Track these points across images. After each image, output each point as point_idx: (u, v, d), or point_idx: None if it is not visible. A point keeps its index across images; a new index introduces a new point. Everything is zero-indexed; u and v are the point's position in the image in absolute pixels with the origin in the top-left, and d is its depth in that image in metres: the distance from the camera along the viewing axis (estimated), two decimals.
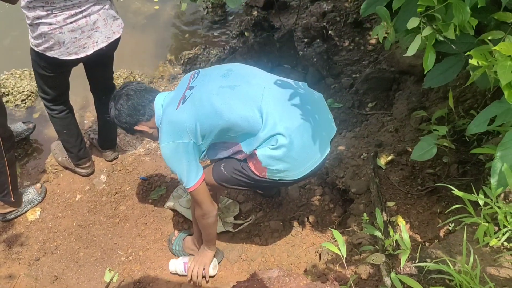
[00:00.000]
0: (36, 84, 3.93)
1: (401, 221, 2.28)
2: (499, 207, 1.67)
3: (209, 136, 1.97)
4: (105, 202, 3.05)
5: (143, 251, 2.76)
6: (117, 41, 2.56)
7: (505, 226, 1.68)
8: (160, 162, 3.29)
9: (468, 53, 1.54)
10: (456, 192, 1.79)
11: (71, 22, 2.27)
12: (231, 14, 4.87)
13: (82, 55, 2.41)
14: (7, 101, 3.74)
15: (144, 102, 2.09)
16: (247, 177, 2.05)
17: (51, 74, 2.52)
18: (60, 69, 2.53)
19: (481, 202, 1.72)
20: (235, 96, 1.92)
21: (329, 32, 4.24)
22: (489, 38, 1.57)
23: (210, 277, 2.51)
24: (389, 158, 2.58)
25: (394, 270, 1.92)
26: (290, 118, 1.92)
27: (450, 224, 2.12)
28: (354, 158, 2.75)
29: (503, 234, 1.68)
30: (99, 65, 2.70)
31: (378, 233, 2.02)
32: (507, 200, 1.88)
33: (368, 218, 2.28)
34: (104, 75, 2.85)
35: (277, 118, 1.89)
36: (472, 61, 1.50)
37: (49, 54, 2.34)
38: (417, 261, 1.79)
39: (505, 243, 1.73)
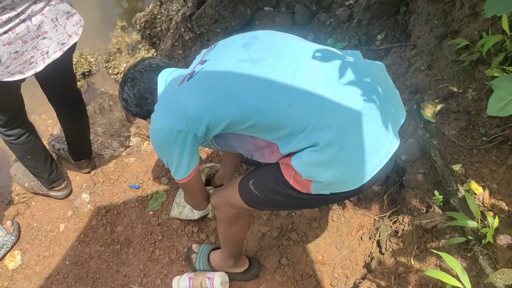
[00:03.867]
0: None
1: (476, 187, 1.83)
2: None
3: (216, 127, 1.39)
4: (97, 226, 2.49)
5: (161, 278, 2.26)
6: (75, 45, 1.89)
7: None
8: (149, 160, 2.71)
9: None
10: None
11: (5, 32, 1.61)
12: None
13: (29, 73, 1.76)
14: None
15: (151, 88, 1.58)
16: (287, 197, 1.47)
17: None
18: (4, 91, 1.86)
19: None
20: (256, 74, 1.34)
21: None
22: None
23: None
24: (438, 107, 2.08)
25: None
26: (338, 104, 1.31)
27: None
28: None
29: None
30: (55, 75, 2.02)
31: (473, 224, 1.56)
32: None
33: (442, 197, 1.82)
34: (64, 85, 2.18)
35: (316, 106, 1.30)
36: None
37: None
38: None
39: None
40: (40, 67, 1.79)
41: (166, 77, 1.55)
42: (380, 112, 1.34)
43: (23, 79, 1.82)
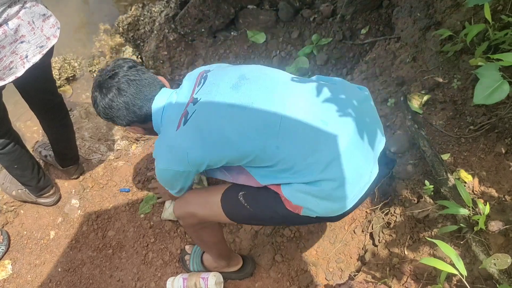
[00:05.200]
0: None
1: (465, 176, 1.85)
2: None
3: (215, 166, 1.57)
4: (88, 232, 2.46)
5: (155, 281, 2.25)
6: (53, 48, 1.86)
7: None
8: (138, 163, 2.69)
9: None
10: None
11: None
12: None
13: (10, 79, 1.73)
14: None
15: (140, 103, 1.59)
16: (275, 213, 1.59)
17: None
18: None
19: None
20: (247, 121, 1.47)
21: None
22: None
23: None
24: (425, 98, 2.10)
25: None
26: (322, 142, 1.45)
27: None
28: (378, 106, 2.24)
29: None
30: (35, 81, 1.98)
31: (464, 211, 1.58)
32: None
33: (432, 186, 1.83)
34: (44, 90, 2.14)
35: (302, 146, 1.45)
36: None
37: None
38: None
39: None
40: (20, 72, 1.76)
41: (163, 106, 1.59)
42: (363, 146, 1.50)
43: (3, 86, 1.79)
